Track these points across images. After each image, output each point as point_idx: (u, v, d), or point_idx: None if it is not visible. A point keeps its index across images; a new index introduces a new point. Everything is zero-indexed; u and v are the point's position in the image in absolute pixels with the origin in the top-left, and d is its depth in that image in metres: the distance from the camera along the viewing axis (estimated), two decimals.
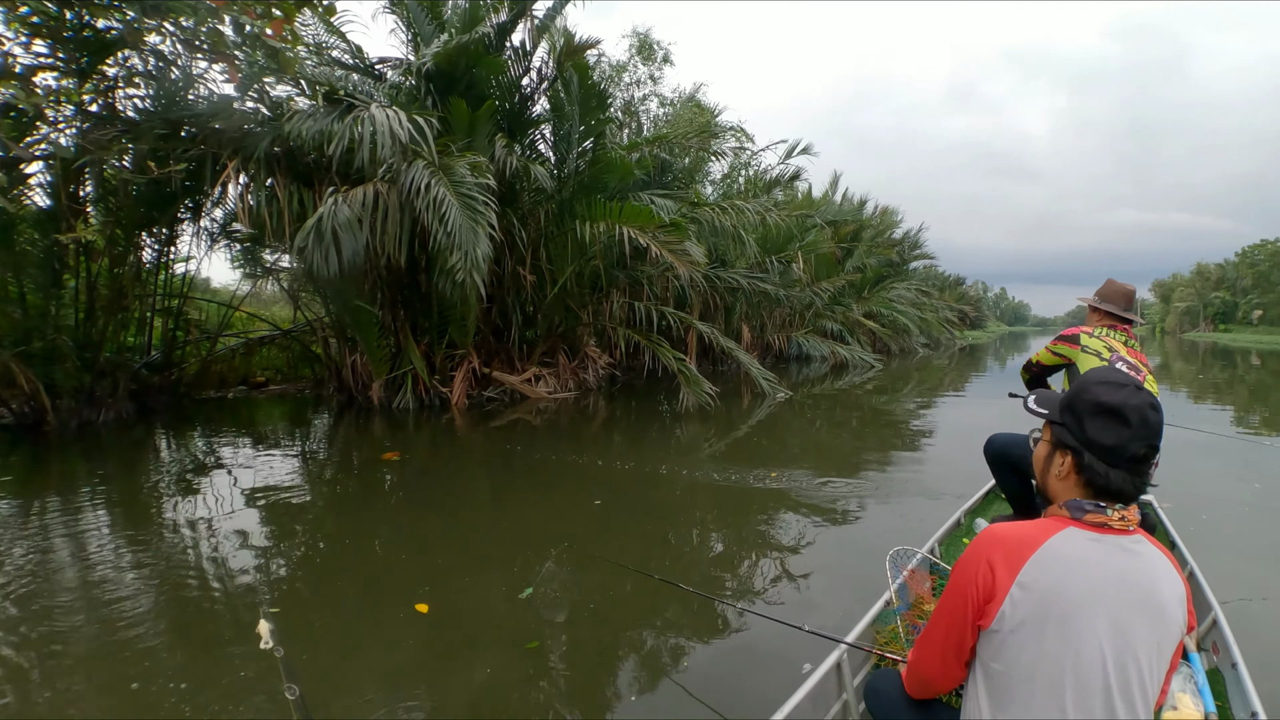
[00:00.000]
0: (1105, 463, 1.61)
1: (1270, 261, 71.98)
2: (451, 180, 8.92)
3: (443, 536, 5.75)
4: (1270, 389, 20.61)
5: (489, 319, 12.82)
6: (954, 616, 1.66)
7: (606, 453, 9.23)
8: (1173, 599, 1.58)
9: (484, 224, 8.84)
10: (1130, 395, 1.61)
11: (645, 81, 21.51)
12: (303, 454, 8.83)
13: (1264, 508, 6.53)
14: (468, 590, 4.59)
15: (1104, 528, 1.61)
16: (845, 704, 2.68)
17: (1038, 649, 1.53)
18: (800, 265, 20.18)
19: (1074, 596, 1.52)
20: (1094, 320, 4.10)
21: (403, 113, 8.92)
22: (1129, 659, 1.51)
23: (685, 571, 4.84)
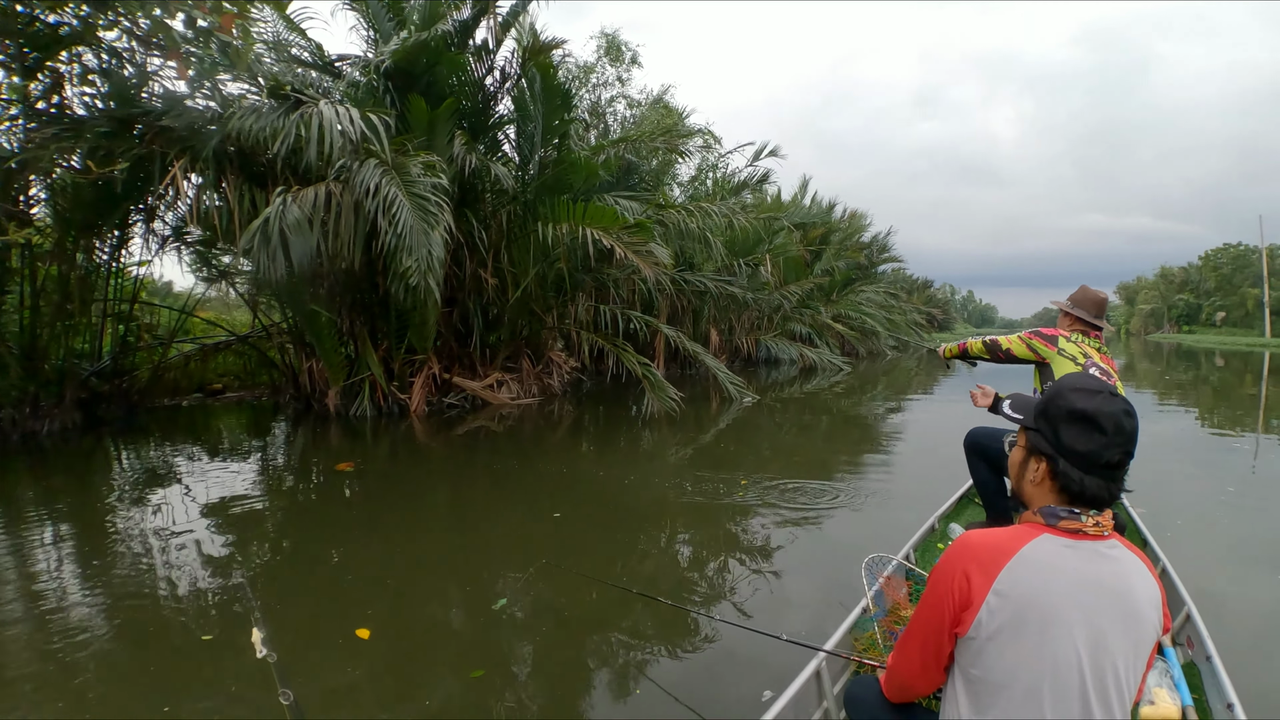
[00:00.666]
0: (1080, 469, 1.61)
1: (1233, 265, 73.04)
2: (404, 180, 8.59)
3: (395, 553, 5.45)
4: (1233, 388, 21.11)
5: (450, 323, 12.49)
6: (931, 625, 1.67)
7: (571, 460, 9.01)
8: (1148, 602, 1.59)
9: (437, 225, 8.50)
10: (1105, 402, 1.62)
11: (613, 83, 21.30)
12: (251, 465, 8.45)
13: (1235, 506, 6.70)
14: (418, 611, 4.34)
15: (1079, 534, 1.61)
16: (826, 711, 2.70)
17: (1015, 656, 1.53)
18: (768, 268, 19.96)
19: (1050, 603, 1.53)
20: (1065, 324, 4.14)
21: (355, 110, 8.60)
22: (1106, 664, 1.52)
23: (656, 583, 4.76)
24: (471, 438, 10.32)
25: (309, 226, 8.49)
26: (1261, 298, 63.49)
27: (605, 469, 8.69)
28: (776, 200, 27.47)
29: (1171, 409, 15.05)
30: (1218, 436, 11.41)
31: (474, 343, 12.59)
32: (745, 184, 21.04)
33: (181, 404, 13.60)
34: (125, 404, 11.99)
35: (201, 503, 6.68)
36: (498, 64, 12.23)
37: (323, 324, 11.16)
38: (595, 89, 20.79)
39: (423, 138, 10.38)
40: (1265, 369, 28.73)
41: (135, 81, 9.82)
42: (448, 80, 11.35)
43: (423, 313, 11.28)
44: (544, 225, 10.94)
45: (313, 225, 8.57)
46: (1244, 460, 9.27)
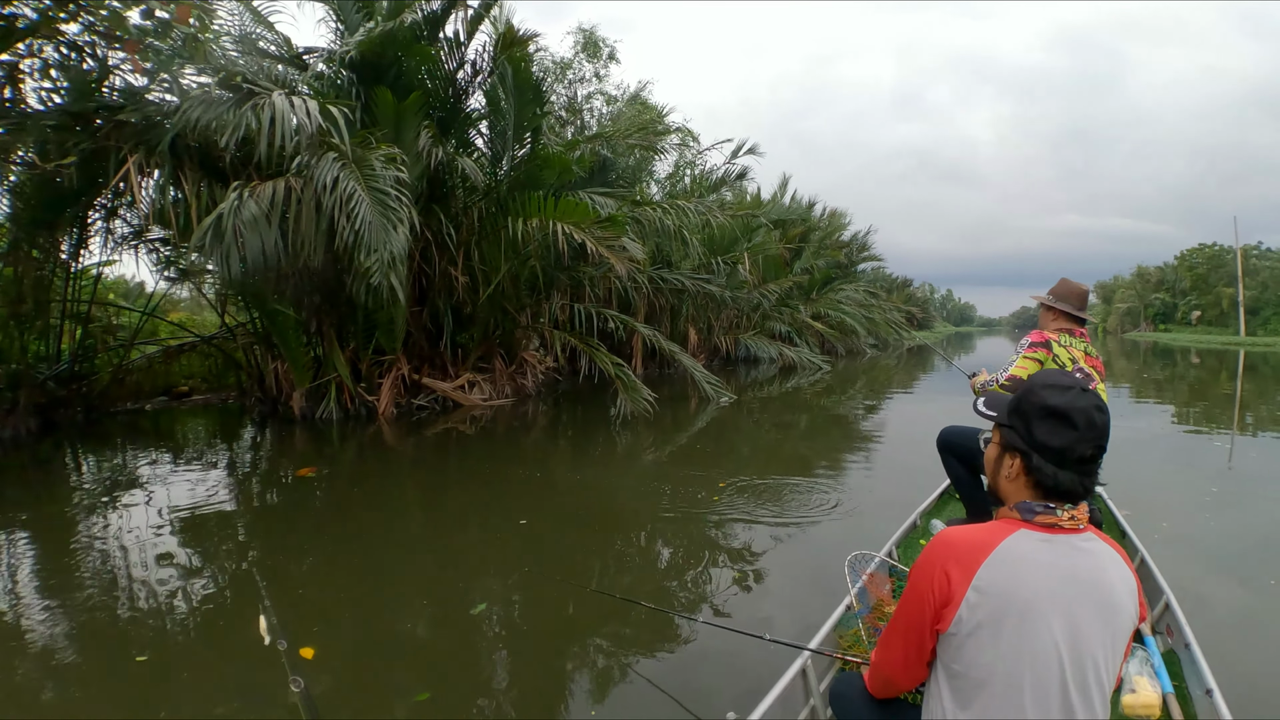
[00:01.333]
0: (1053, 464, 1.62)
1: (1208, 265, 73.54)
2: (365, 174, 8.25)
3: (353, 563, 5.18)
4: (1209, 385, 21.35)
5: (420, 323, 12.16)
6: (912, 622, 1.69)
7: (544, 463, 8.80)
8: (1124, 593, 1.62)
9: (397, 221, 8.17)
10: (1076, 398, 1.63)
11: (590, 79, 21.00)
12: (207, 472, 8.08)
13: (1215, 503, 6.78)
14: (370, 626, 4.11)
15: (1055, 528, 1.63)
16: (813, 709, 2.71)
17: (995, 650, 1.54)
18: (747, 266, 19.66)
19: (1028, 597, 1.54)
20: (1047, 320, 4.14)
21: (313, 101, 8.27)
22: (1085, 655, 1.54)
23: (636, 588, 4.68)
24: (441, 440, 10.06)
25: (267, 223, 8.14)
26: (1236, 297, 64.01)
27: (579, 471, 8.52)
28: (756, 199, 27.30)
29: (1149, 406, 15.22)
30: (1195, 434, 11.47)
31: (444, 343, 12.27)
32: (723, 181, 20.72)
33: (145, 408, 13.19)
34: (85, 408, 11.63)
35: (148, 513, 6.35)
36: (469, 58, 11.91)
37: (287, 324, 10.84)
38: (571, 85, 20.51)
39: (389, 131, 10.06)
40: (1240, 367, 28.98)
41: (96, 76, 9.48)
42: (416, 74, 11.01)
43: (390, 312, 10.98)
44: (514, 221, 10.64)
45: (271, 222, 8.22)
46: (1220, 457, 9.32)
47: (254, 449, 9.69)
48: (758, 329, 23.94)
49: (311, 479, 7.68)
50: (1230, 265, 67.66)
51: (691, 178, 21.23)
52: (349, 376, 11.30)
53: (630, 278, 14.65)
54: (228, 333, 13.30)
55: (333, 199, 8.02)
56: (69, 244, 11.09)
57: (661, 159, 18.38)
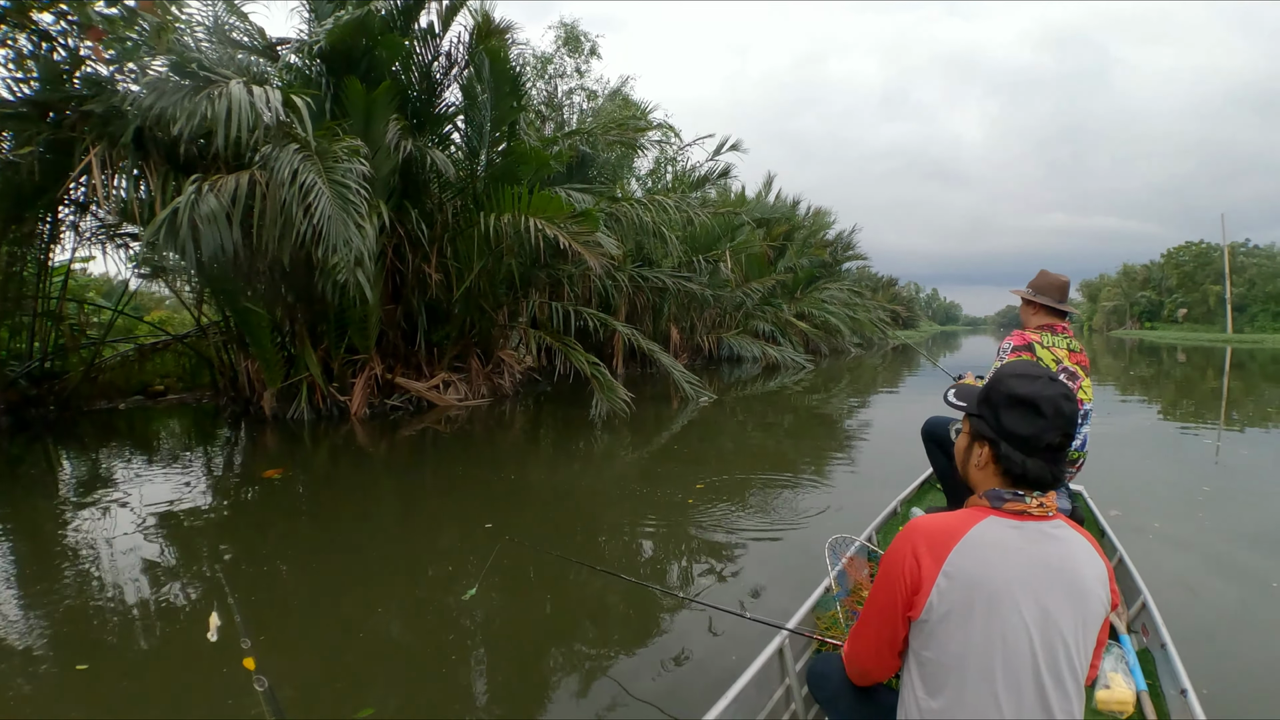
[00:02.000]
0: (1021, 452, 1.65)
1: (1195, 262, 73.69)
2: (327, 166, 8.01)
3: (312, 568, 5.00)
4: (1196, 382, 21.39)
5: (394, 321, 11.94)
6: (884, 609, 1.69)
7: (516, 465, 8.56)
8: (1094, 579, 1.62)
9: (369, 216, 7.93)
10: (1044, 387, 1.67)
11: (571, 74, 20.77)
12: (172, 472, 7.83)
13: (1206, 501, 6.75)
14: (324, 635, 3.93)
15: (1024, 515, 1.65)
16: (788, 688, 2.74)
17: (966, 635, 1.56)
18: (729, 265, 19.41)
19: (998, 582, 1.56)
20: (1029, 315, 4.08)
21: (274, 90, 8.04)
22: (1056, 639, 1.54)
23: (608, 586, 4.57)
24: (412, 442, 9.82)
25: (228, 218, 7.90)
26: (1223, 294, 64.20)
27: (554, 472, 8.33)
28: (740, 197, 27.14)
29: (1135, 404, 15.21)
30: (1185, 431, 11.40)
31: (419, 342, 12.03)
32: (706, 179, 20.44)
33: (119, 406, 12.95)
34: (57, 407, 11.40)
35: (103, 515, 6.15)
36: (445, 49, 11.71)
37: (258, 322, 10.60)
38: (552, 80, 20.26)
39: (358, 124, 9.83)
40: (1227, 364, 29.06)
41: (67, 66, 9.25)
42: (389, 65, 10.76)
43: (363, 310, 10.77)
44: (486, 215, 10.40)
45: (233, 217, 7.98)
46: (1209, 452, 9.38)
47: (222, 449, 9.44)
48: (741, 328, 23.79)
49: (277, 481, 7.46)
50: (1217, 263, 67.91)
51: (674, 175, 20.98)
52: (321, 376, 11.08)
53: (609, 276, 14.45)
54: (200, 332, 13.05)
55: (291, 192, 7.77)
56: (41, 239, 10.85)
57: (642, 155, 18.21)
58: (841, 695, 2.02)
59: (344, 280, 8.08)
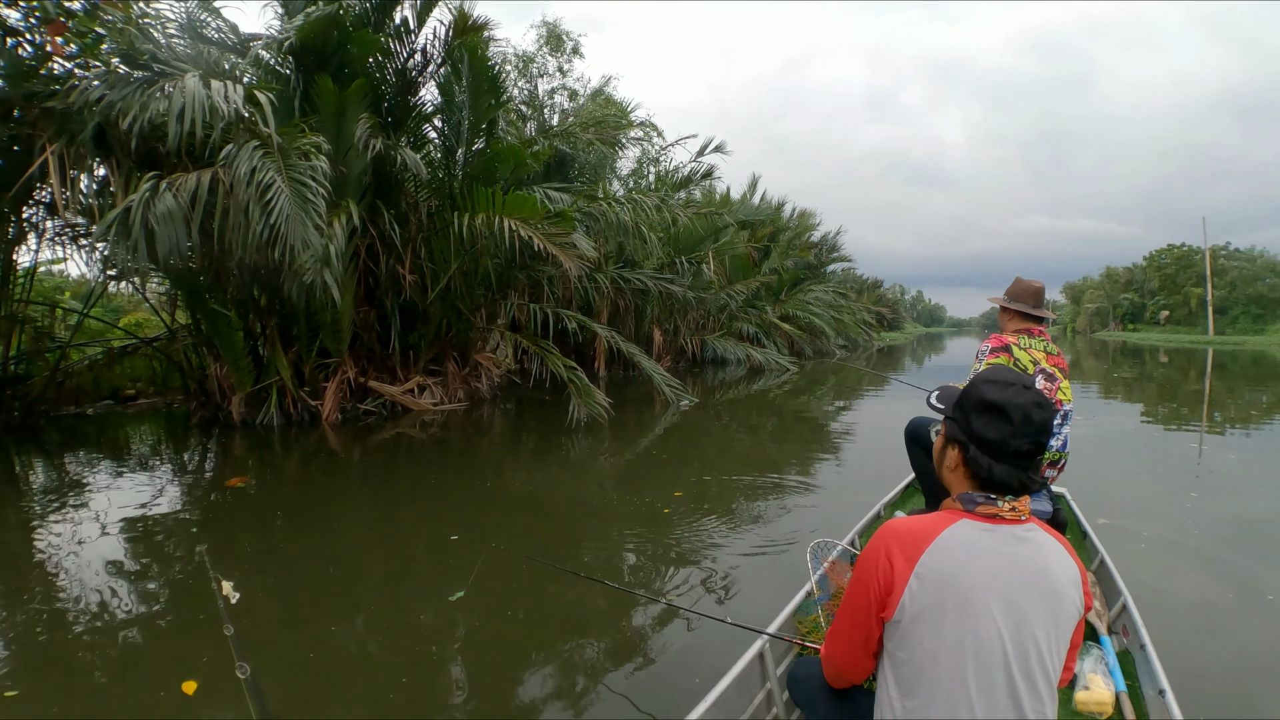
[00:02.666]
0: (989, 457, 1.66)
1: (1177, 265, 74.23)
2: (288, 164, 7.71)
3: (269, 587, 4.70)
4: (1178, 383, 21.56)
5: (368, 324, 11.64)
6: (858, 610, 1.71)
7: (495, 471, 8.41)
8: (1066, 581, 1.63)
9: (318, 214, 7.63)
10: (1015, 394, 1.67)
11: (553, 74, 20.46)
12: (131, 481, 7.50)
13: (1194, 508, 6.74)
14: (276, 653, 3.71)
15: (996, 518, 1.66)
16: (769, 693, 2.74)
17: (938, 636, 1.57)
18: (711, 266, 19.09)
19: (969, 584, 1.57)
20: (1006, 321, 4.11)
21: (238, 86, 7.72)
22: (1028, 640, 1.55)
23: (588, 598, 4.52)
24: (386, 448, 9.56)
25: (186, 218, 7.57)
26: (1205, 296, 64.64)
27: (533, 479, 8.13)
28: (725, 198, 26.96)
29: (1119, 405, 15.42)
30: (1171, 432, 11.41)
31: (393, 345, 11.72)
32: (690, 179, 20.06)
33: (87, 411, 12.60)
34: (22, 412, 11.08)
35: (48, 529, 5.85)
36: (421, 46, 11.38)
37: (226, 325, 10.30)
38: (533, 80, 19.94)
39: (329, 122, 9.54)
40: (1209, 365, 29.24)
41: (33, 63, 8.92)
42: (362, 62, 10.43)
43: (334, 312, 10.49)
44: (460, 216, 10.13)
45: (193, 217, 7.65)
46: (1191, 455, 9.43)
47: (187, 457, 9.13)
48: (725, 330, 23.55)
49: (240, 489, 7.19)
50: (1198, 265, 68.40)
51: (656, 175, 20.65)
52: (292, 380, 10.77)
53: (590, 277, 14.19)
54: (170, 335, 12.70)
55: (250, 190, 7.46)
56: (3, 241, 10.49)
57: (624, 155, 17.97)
58: (820, 698, 2.04)
59: (310, 281, 7.75)
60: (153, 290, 12.98)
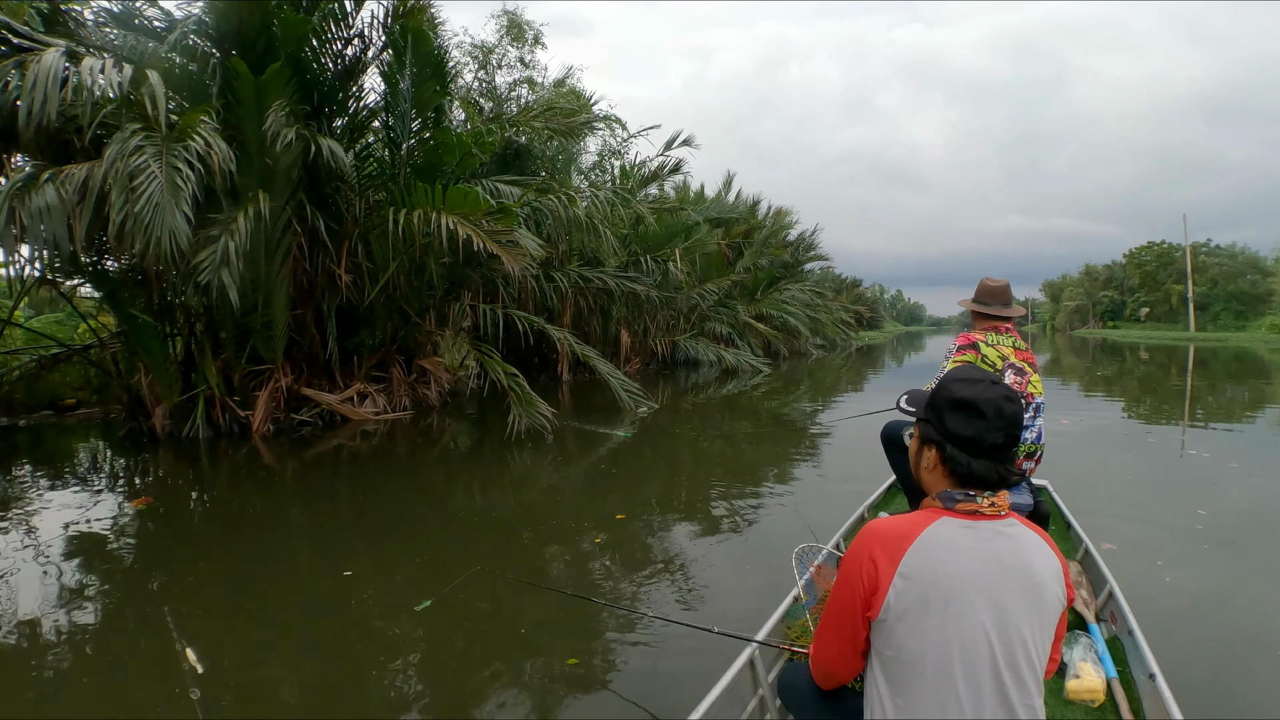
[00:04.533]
0: (967, 453, 1.69)
1: (1156, 262, 74.50)
2: (170, 150, 6.93)
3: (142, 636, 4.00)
4: (1159, 380, 21.51)
5: (306, 328, 10.89)
6: (844, 611, 1.73)
7: (438, 484, 7.77)
8: (1048, 575, 1.65)
9: (186, 205, 6.80)
10: (985, 390, 1.71)
11: (515, 64, 19.69)
12: (34, 503, 6.81)
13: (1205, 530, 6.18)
14: None
15: (976, 514, 1.68)
16: (761, 699, 2.74)
17: (924, 634, 1.58)
18: (678, 264, 18.24)
19: (953, 581, 1.59)
20: (975, 320, 4.18)
21: (120, 66, 6.95)
22: (1013, 635, 1.57)
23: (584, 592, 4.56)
24: (319, 461, 8.83)
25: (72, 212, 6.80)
26: (1185, 293, 64.78)
27: (477, 492, 7.49)
28: (700, 195, 26.35)
29: (1099, 400, 15.15)
30: (1151, 429, 11.27)
31: (330, 350, 10.95)
32: (657, 175, 19.25)
33: (19, 423, 11.79)
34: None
35: None
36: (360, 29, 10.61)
37: (146, 331, 9.55)
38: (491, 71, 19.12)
39: (250, 110, 8.78)
40: (1190, 362, 29.11)
41: None
42: (291, 45, 9.64)
43: (266, 315, 9.77)
44: (396, 212, 9.37)
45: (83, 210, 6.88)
46: (1173, 449, 9.62)
47: (98, 473, 8.33)
48: (696, 330, 22.83)
49: (145, 511, 6.47)
50: (1179, 262, 68.61)
51: (620, 169, 19.78)
52: (221, 389, 10.02)
53: (548, 277, 13.49)
54: (99, 342, 11.91)
55: (119, 176, 6.66)
56: None
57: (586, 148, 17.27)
58: (810, 701, 2.03)
59: (205, 281, 7.00)
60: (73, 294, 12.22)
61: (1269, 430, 11.57)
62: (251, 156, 9.26)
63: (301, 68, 9.75)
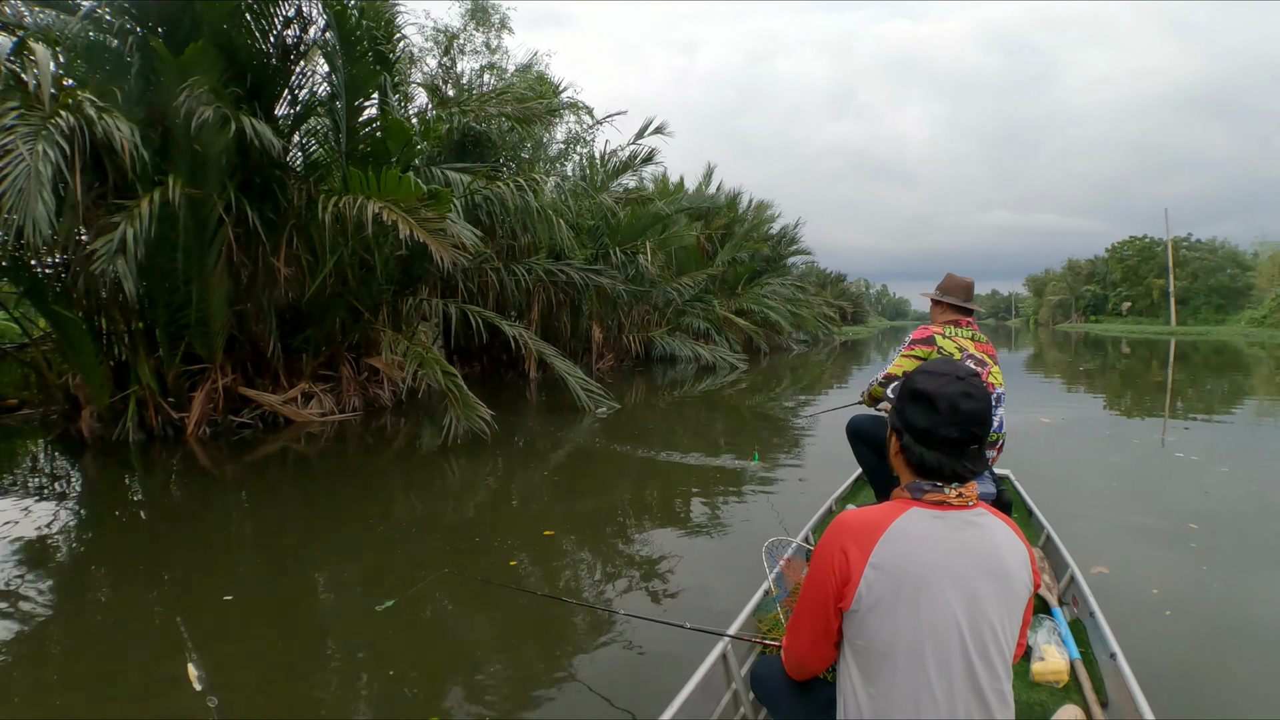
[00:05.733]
0: (919, 444, 1.71)
1: (1139, 256, 74.67)
2: (47, 130, 6.21)
3: None
4: (1140, 374, 21.66)
5: (247, 325, 10.24)
6: (817, 602, 1.73)
7: (388, 493, 7.10)
8: (1016, 562, 1.68)
9: (44, 184, 6.02)
10: (945, 384, 1.72)
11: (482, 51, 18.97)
12: None
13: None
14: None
15: (944, 505, 1.69)
16: (735, 693, 2.72)
17: (895, 623, 1.60)
18: (649, 257, 17.52)
19: (923, 570, 1.61)
20: (937, 314, 4.32)
21: None
22: (982, 621, 1.59)
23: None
24: (254, 467, 8.22)
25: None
26: (1167, 288, 64.87)
27: (424, 498, 7.06)
28: (679, 187, 25.76)
29: (1082, 395, 15.05)
30: (1132, 422, 11.50)
31: (272, 348, 10.29)
32: (629, 164, 18.48)
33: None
34: None
35: None
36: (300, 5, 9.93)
37: (73, 328, 8.89)
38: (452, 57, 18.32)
39: (173, 93, 8.12)
40: (1171, 355, 29.16)
41: None
42: (219, 24, 8.96)
43: (201, 310, 9.14)
44: (325, 200, 8.74)
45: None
46: (1154, 442, 9.72)
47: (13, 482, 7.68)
48: (673, 325, 22.21)
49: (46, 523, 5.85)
50: (1160, 257, 68.78)
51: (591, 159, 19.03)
52: (156, 389, 9.38)
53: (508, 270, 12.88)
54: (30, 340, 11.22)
55: None
56: None
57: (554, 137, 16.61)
58: (783, 693, 2.05)
59: (100, 271, 6.36)
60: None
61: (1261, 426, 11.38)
62: (179, 142, 8.63)
63: (235, 48, 9.11)
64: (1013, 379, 20.02)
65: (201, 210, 8.88)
